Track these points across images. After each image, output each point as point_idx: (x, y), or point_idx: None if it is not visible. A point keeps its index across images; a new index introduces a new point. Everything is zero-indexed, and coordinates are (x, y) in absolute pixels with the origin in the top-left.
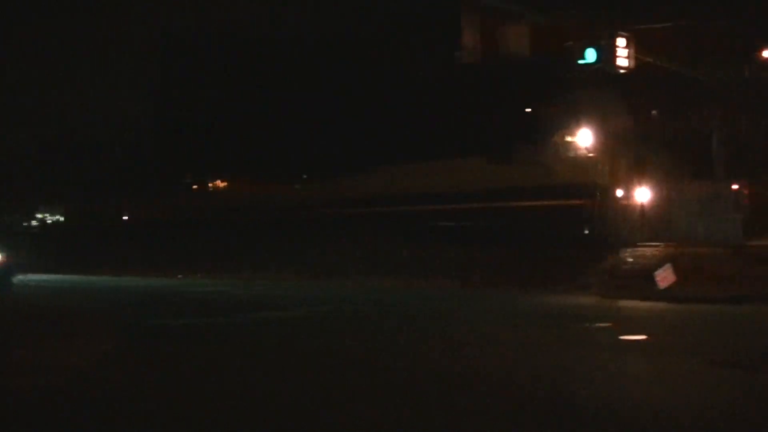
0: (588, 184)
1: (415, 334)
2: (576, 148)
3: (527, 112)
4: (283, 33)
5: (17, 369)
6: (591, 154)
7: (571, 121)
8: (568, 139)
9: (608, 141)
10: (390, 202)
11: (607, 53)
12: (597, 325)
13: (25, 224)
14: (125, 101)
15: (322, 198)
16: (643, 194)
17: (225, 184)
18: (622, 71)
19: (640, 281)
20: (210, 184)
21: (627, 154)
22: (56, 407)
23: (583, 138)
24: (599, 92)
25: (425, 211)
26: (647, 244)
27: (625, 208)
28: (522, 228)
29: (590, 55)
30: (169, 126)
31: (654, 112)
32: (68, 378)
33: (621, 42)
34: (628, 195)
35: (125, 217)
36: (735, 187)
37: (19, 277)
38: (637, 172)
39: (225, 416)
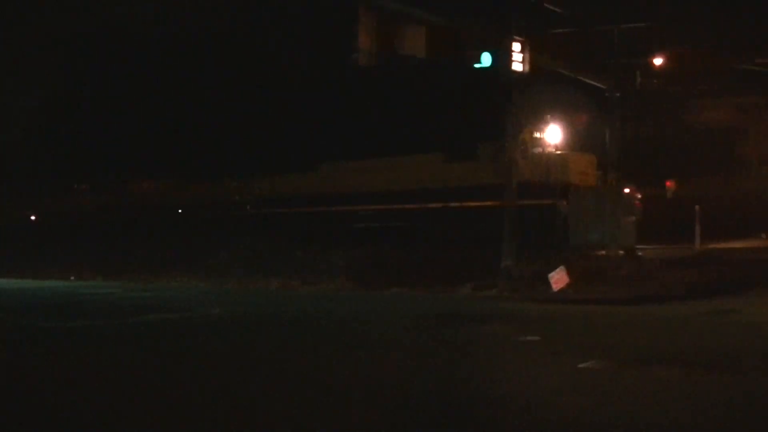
0: (554, 184)
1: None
2: (544, 145)
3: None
4: (191, 31)
5: None
6: (559, 152)
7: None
8: (537, 135)
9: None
10: (317, 201)
11: (502, 58)
12: (485, 326)
13: None
14: (22, 97)
15: (238, 197)
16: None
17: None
18: (517, 76)
19: (535, 283)
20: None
21: None
22: None
23: (553, 135)
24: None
25: (352, 210)
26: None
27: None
28: (453, 227)
29: (486, 59)
30: (68, 126)
31: (548, 116)
32: None
33: (516, 47)
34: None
35: (33, 217)
36: (627, 190)
37: None
38: None
39: None
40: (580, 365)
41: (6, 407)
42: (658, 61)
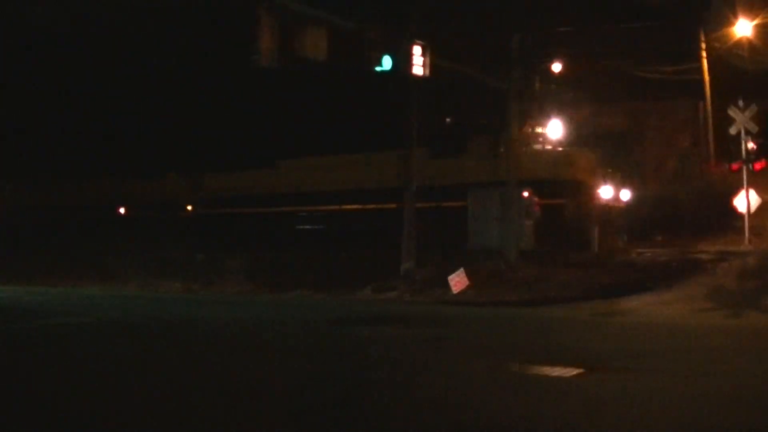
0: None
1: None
2: (547, 141)
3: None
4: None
5: None
6: (560, 148)
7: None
8: (539, 130)
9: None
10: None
11: (403, 61)
12: (382, 328)
13: None
14: None
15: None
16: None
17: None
18: (417, 79)
19: (436, 285)
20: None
21: None
22: None
23: (555, 130)
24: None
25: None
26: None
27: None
28: (366, 229)
29: (386, 63)
30: None
31: (448, 119)
32: None
33: (417, 50)
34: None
35: None
36: (526, 194)
37: None
38: None
39: None
40: (477, 366)
41: None
42: (556, 67)
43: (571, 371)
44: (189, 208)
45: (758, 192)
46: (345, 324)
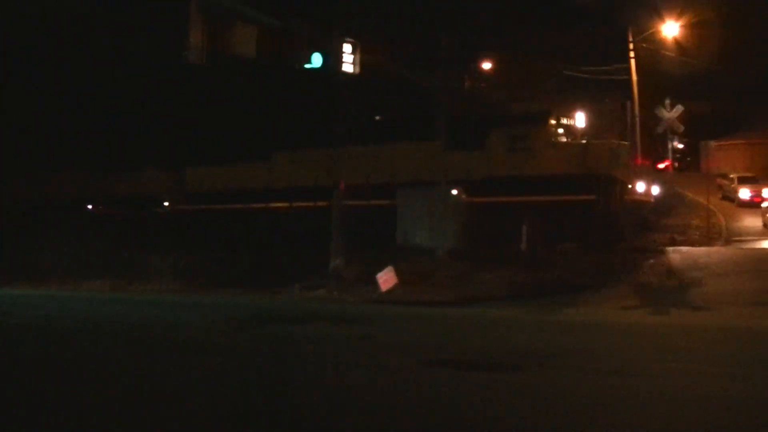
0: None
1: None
2: (575, 132)
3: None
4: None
5: None
6: (583, 141)
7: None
8: (565, 121)
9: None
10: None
11: (332, 58)
12: (307, 326)
13: None
14: None
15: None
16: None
17: None
18: (346, 77)
19: (364, 283)
20: None
21: None
22: None
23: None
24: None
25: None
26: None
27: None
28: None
29: (316, 60)
30: None
31: (378, 117)
32: None
33: (347, 48)
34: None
35: None
36: (455, 192)
37: None
38: None
39: None
40: (400, 364)
41: None
42: (486, 65)
43: (497, 368)
44: (166, 204)
45: (691, 192)
46: (268, 323)
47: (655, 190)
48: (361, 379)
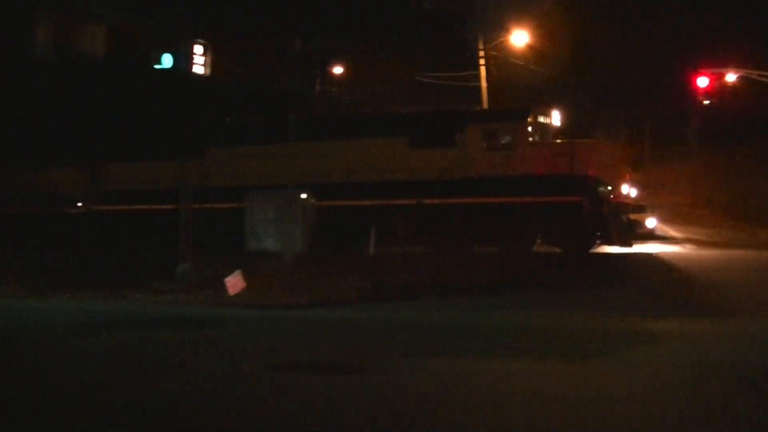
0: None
1: None
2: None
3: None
4: None
5: None
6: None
7: None
8: (542, 119)
9: None
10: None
11: (183, 59)
12: (153, 332)
13: None
14: None
15: None
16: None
17: None
18: (197, 78)
19: (213, 287)
20: None
21: None
22: None
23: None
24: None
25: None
26: None
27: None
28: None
29: (167, 60)
30: None
31: (228, 119)
32: None
33: (198, 49)
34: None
35: None
36: (304, 195)
37: None
38: None
39: None
40: (244, 368)
41: None
42: (337, 70)
43: (346, 370)
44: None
45: None
46: (103, 328)
47: None
48: (204, 383)
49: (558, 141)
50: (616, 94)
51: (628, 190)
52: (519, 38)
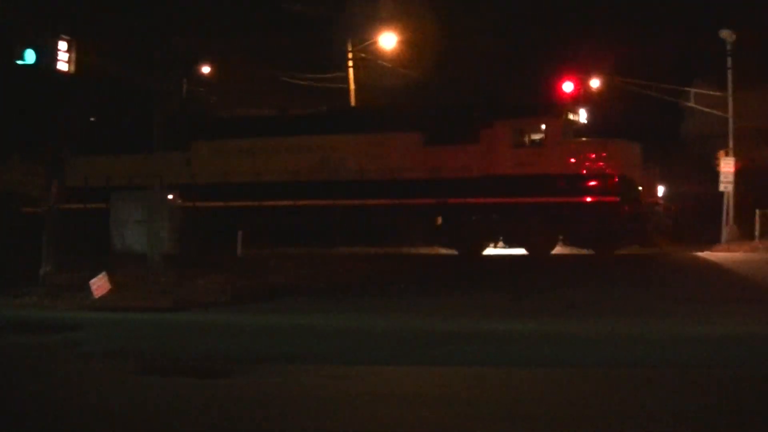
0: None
1: None
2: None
3: None
4: None
5: None
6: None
7: None
8: (572, 117)
9: None
10: None
11: (47, 55)
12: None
13: None
14: None
15: None
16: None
17: None
18: (62, 75)
19: (77, 290)
20: None
21: None
22: None
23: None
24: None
25: None
26: None
27: None
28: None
29: (29, 56)
30: None
31: (92, 119)
32: None
33: (63, 45)
34: None
35: None
36: (170, 197)
37: None
38: None
39: None
40: (107, 372)
41: None
42: (205, 69)
43: (210, 374)
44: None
45: None
46: None
47: None
48: (63, 388)
49: (592, 139)
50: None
51: (660, 191)
52: (387, 41)
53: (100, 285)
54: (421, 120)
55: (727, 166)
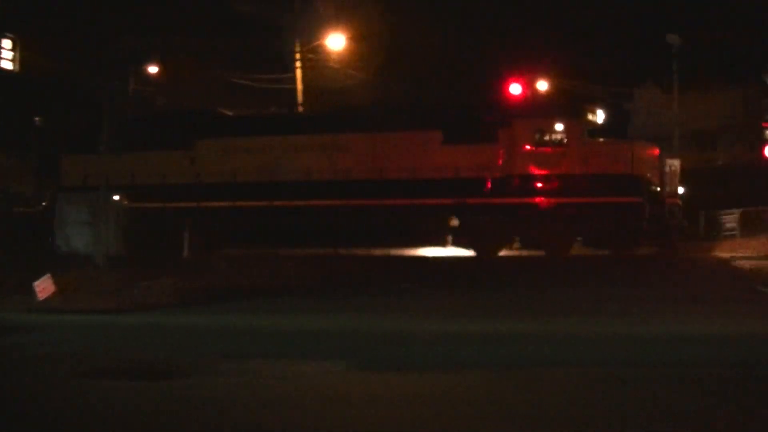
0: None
1: None
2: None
3: None
4: None
5: None
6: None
7: None
8: (591, 117)
9: None
10: None
11: None
12: None
13: None
14: None
15: None
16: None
17: None
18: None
19: (22, 292)
20: None
21: None
22: None
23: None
24: None
25: None
26: None
27: None
28: None
29: None
30: None
31: (37, 119)
32: None
33: (7, 44)
34: None
35: None
36: (116, 198)
37: None
38: None
39: None
40: (52, 376)
41: None
42: (153, 69)
43: (158, 376)
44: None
45: None
46: None
47: None
48: (9, 392)
49: (614, 140)
50: (432, 100)
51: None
52: (335, 42)
53: (44, 287)
54: (439, 119)
55: (671, 167)
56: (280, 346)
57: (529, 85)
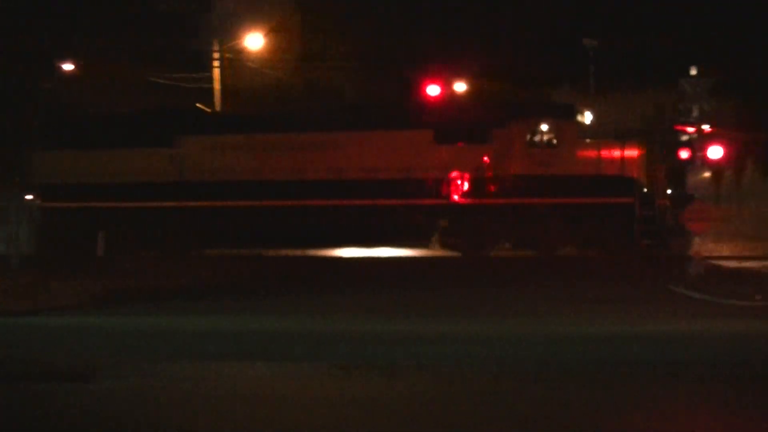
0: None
1: None
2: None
3: None
4: None
5: None
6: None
7: None
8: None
9: None
10: None
11: None
12: None
13: None
14: None
15: None
16: None
17: None
18: None
19: None
20: None
21: None
22: None
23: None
24: None
25: None
26: None
27: None
28: None
29: None
30: None
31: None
32: None
33: None
34: None
35: None
36: (30, 197)
37: None
38: None
39: None
40: None
41: None
42: (68, 67)
43: (68, 377)
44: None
45: None
46: None
47: None
48: None
49: (606, 140)
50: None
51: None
52: (253, 41)
53: None
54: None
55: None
56: (196, 347)
57: (447, 87)
